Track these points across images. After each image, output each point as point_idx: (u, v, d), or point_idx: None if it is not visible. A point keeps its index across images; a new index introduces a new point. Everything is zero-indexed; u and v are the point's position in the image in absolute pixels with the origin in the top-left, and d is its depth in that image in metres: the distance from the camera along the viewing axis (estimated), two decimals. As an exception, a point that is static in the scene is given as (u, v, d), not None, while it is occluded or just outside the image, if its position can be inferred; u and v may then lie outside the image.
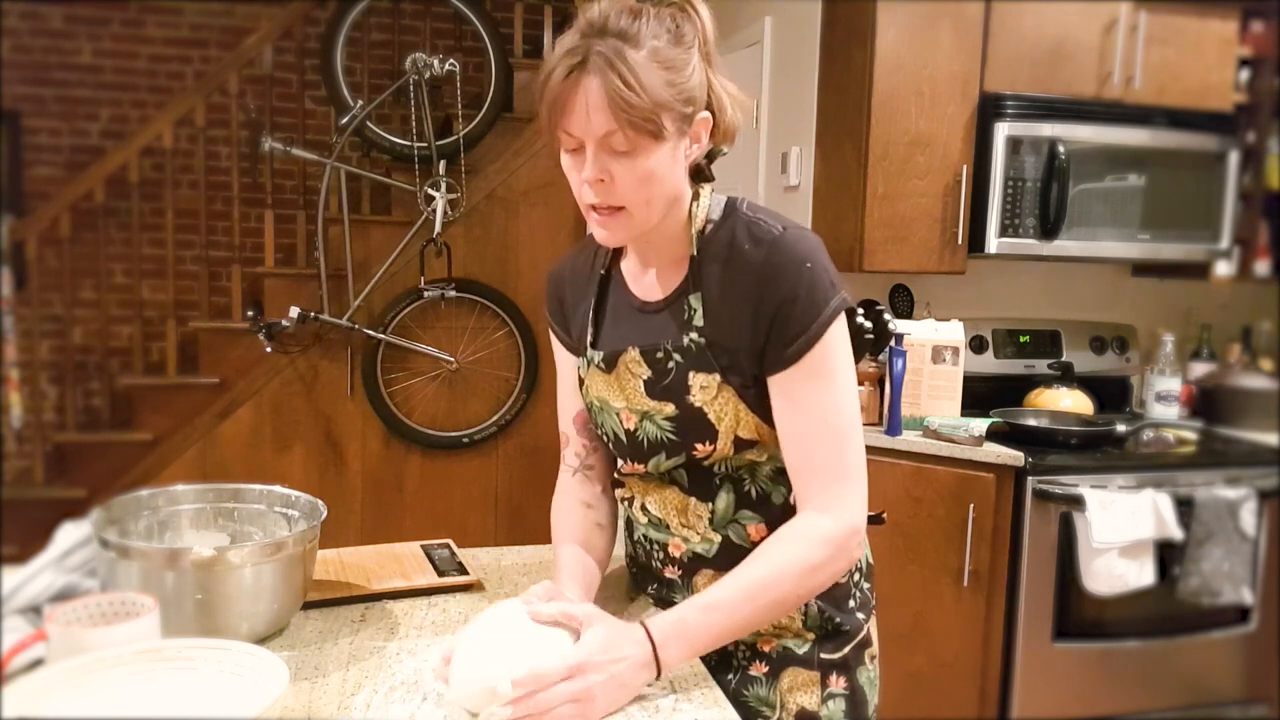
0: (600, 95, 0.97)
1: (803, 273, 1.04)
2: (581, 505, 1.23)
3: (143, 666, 0.86)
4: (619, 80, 0.96)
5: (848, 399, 1.07)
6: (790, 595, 1.05)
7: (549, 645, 0.95)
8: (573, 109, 0.99)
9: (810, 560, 1.04)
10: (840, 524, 1.05)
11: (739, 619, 1.03)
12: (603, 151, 1.01)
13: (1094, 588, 2.30)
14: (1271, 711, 2.56)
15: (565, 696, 0.92)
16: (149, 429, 3.66)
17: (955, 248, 2.60)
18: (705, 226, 1.11)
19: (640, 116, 0.97)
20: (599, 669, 0.94)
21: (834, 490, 1.06)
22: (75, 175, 3.96)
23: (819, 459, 1.06)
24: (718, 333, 1.08)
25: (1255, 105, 2.81)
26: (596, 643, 0.96)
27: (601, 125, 0.98)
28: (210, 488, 1.24)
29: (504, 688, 0.90)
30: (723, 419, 1.09)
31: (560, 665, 0.93)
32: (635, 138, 0.99)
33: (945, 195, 2.59)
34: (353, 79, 3.89)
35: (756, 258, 1.06)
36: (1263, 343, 3.07)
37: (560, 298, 1.25)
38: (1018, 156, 2.55)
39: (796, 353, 1.04)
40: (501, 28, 3.92)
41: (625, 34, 0.98)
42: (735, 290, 1.07)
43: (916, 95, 2.54)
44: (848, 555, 1.06)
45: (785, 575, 1.04)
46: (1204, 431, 2.76)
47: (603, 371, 1.16)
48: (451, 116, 3.84)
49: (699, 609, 1.02)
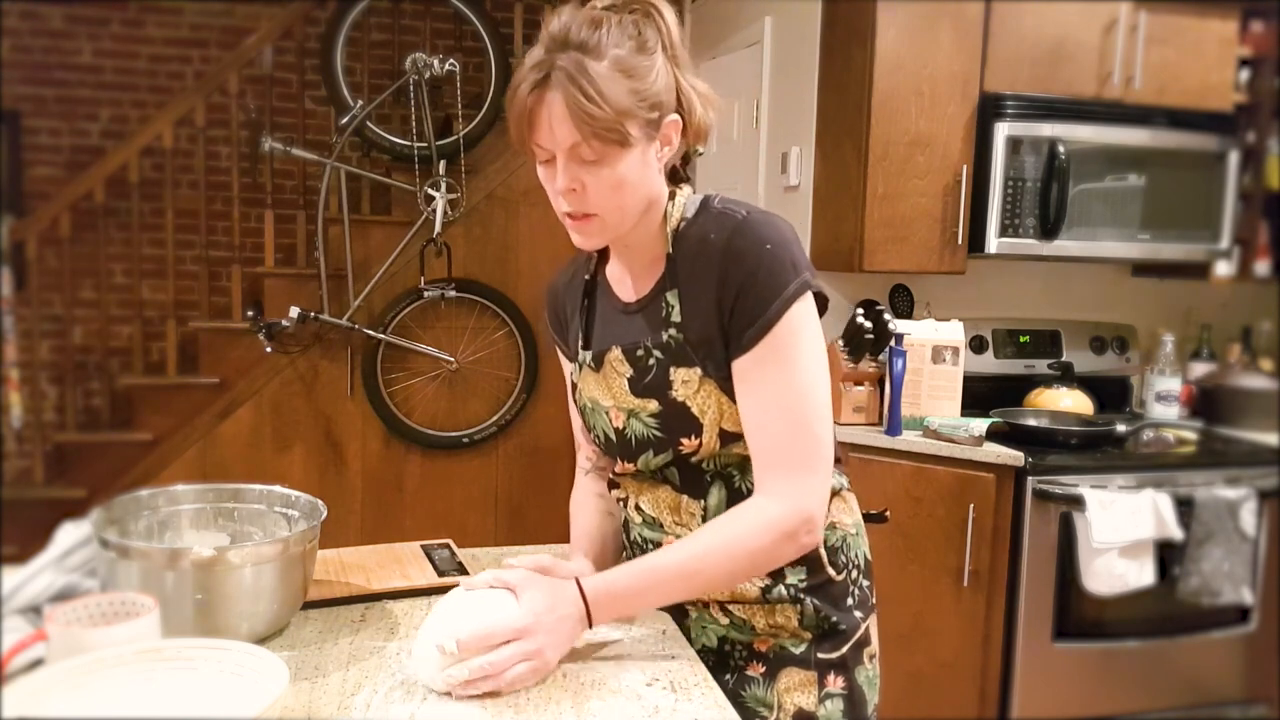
0: (562, 109, 0.99)
1: (762, 254, 1.04)
2: (595, 496, 1.30)
3: (143, 666, 0.86)
4: (580, 94, 0.98)
5: (812, 384, 1.06)
6: (727, 576, 1.08)
7: (498, 610, 1.01)
8: (539, 123, 1.02)
9: (751, 543, 1.05)
10: (791, 512, 1.05)
11: (672, 588, 1.08)
12: (572, 162, 1.03)
13: (1094, 588, 2.30)
14: (1271, 711, 2.56)
15: (519, 655, 0.97)
16: (149, 429, 3.66)
17: (955, 248, 2.60)
18: (680, 224, 1.12)
19: (604, 127, 0.99)
20: (546, 629, 1.00)
21: (789, 478, 1.06)
22: (75, 175, 3.96)
23: (776, 446, 1.06)
24: (694, 327, 1.09)
25: (1255, 105, 2.81)
26: (541, 603, 1.01)
27: (567, 137, 1.01)
28: (210, 488, 1.24)
29: (450, 646, 0.96)
30: (706, 412, 1.09)
31: (506, 626, 0.98)
32: (602, 147, 1.01)
33: (945, 195, 2.59)
34: (353, 79, 3.88)
35: (719, 243, 1.07)
36: (1263, 343, 3.07)
37: (557, 310, 1.29)
38: (1018, 156, 2.55)
39: (754, 336, 1.05)
40: (501, 28, 3.91)
41: (586, 45, 1.00)
42: (703, 280, 1.08)
43: (916, 95, 2.54)
44: (796, 543, 1.06)
45: (725, 556, 1.06)
46: (1204, 431, 2.76)
47: (593, 371, 1.18)
48: (451, 116, 3.84)
49: (633, 574, 1.07)
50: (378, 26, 4.19)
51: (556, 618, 1.01)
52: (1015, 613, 2.36)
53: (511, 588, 1.03)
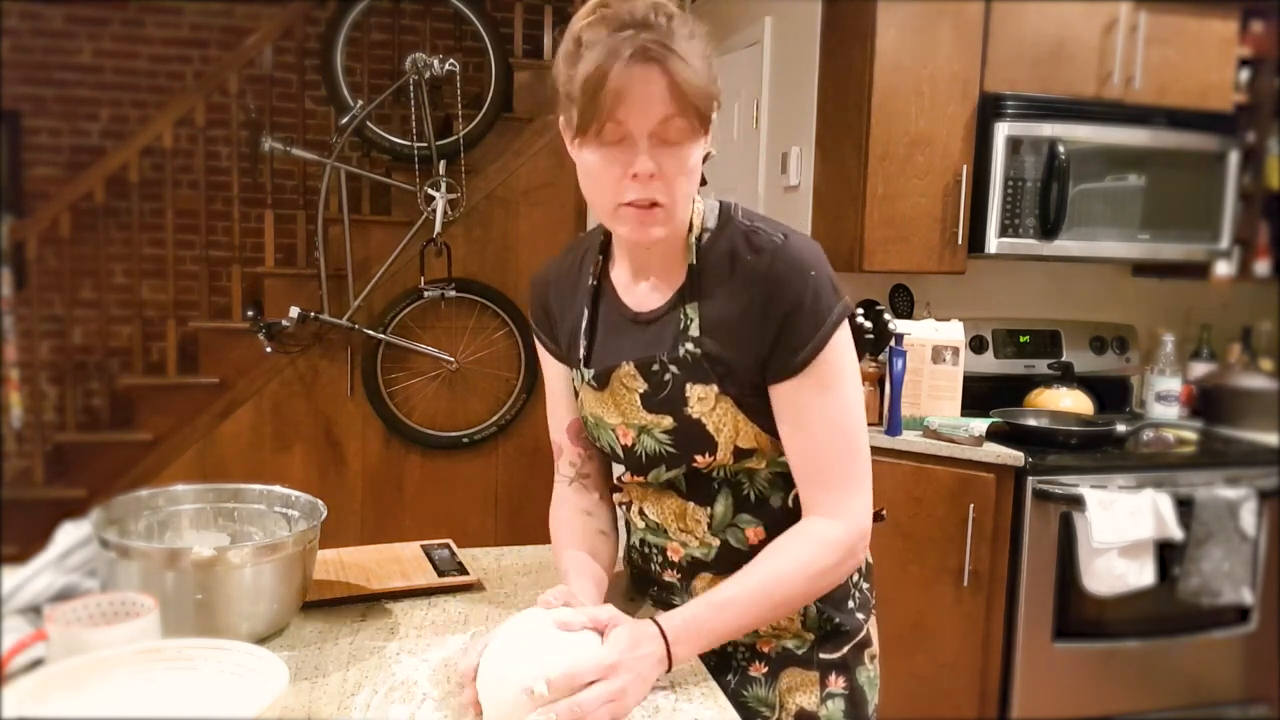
0: (661, 83, 0.96)
1: (808, 281, 1.04)
2: (581, 514, 1.22)
3: (143, 666, 0.86)
4: (684, 65, 0.96)
5: (854, 405, 1.07)
6: (798, 596, 1.07)
7: (578, 647, 0.95)
8: (631, 98, 0.97)
9: (820, 563, 1.05)
10: (849, 528, 1.06)
11: (749, 618, 1.04)
12: (654, 143, 0.99)
13: (1094, 588, 2.30)
14: (1271, 711, 2.56)
15: (603, 697, 0.92)
16: (149, 429, 3.66)
17: (955, 248, 2.60)
18: (702, 235, 1.10)
19: (700, 99, 0.98)
20: (629, 668, 0.95)
21: (842, 497, 1.07)
22: (75, 175, 3.96)
23: (827, 467, 1.07)
24: (716, 343, 1.07)
25: (1255, 105, 2.81)
26: (624, 642, 0.96)
27: (659, 112, 0.97)
28: (210, 488, 1.23)
29: (540, 688, 0.90)
30: (722, 429, 1.08)
31: (592, 665, 0.93)
32: (687, 127, 0.99)
33: (945, 195, 2.59)
34: (353, 79, 3.88)
35: (760, 267, 1.05)
36: (1263, 343, 3.07)
37: (545, 306, 1.23)
38: (1018, 156, 2.55)
39: (803, 361, 1.04)
40: (501, 28, 3.91)
41: (669, 28, 0.98)
42: (737, 301, 1.06)
43: (916, 95, 2.54)
44: (855, 558, 1.08)
45: (795, 576, 1.05)
46: (1204, 431, 2.76)
47: (595, 389, 1.15)
48: (451, 116, 3.84)
49: (711, 606, 1.03)
50: (378, 26, 4.19)
51: (638, 656, 0.96)
52: (1015, 613, 2.36)
53: (602, 626, 0.98)
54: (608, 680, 0.93)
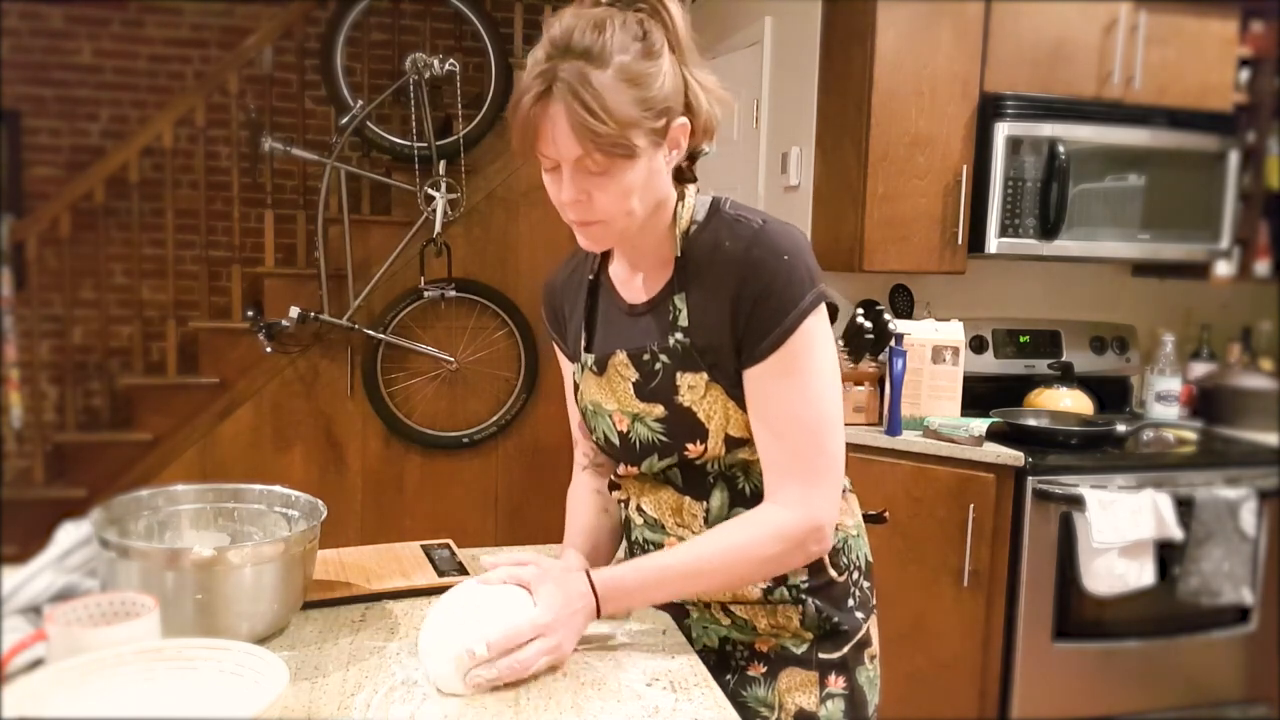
0: (565, 123, 0.97)
1: (780, 265, 1.04)
2: (592, 492, 1.29)
3: (143, 666, 0.86)
4: (583, 109, 0.95)
5: (824, 395, 1.06)
6: (736, 579, 1.10)
7: (514, 609, 1.02)
8: (542, 135, 0.99)
9: (764, 552, 1.06)
10: (801, 521, 1.06)
11: (675, 589, 1.11)
12: (578, 173, 1.01)
13: (1094, 588, 2.30)
14: (1271, 711, 2.56)
15: (542, 651, 1.00)
16: (149, 429, 3.66)
17: (955, 248, 2.60)
18: (690, 228, 1.11)
19: (608, 142, 0.97)
20: (564, 623, 1.03)
21: (801, 488, 1.06)
22: (75, 175, 3.96)
23: (789, 456, 1.06)
24: (702, 332, 1.08)
25: (1255, 105, 2.81)
26: (557, 600, 1.03)
27: (571, 150, 0.99)
28: (210, 488, 1.24)
29: (480, 649, 0.97)
30: (712, 418, 1.09)
31: (529, 625, 1.00)
32: (607, 160, 0.99)
33: (945, 195, 2.59)
34: (353, 79, 3.88)
35: (736, 252, 1.06)
36: (1263, 343, 3.07)
37: (555, 308, 1.27)
38: (1018, 156, 2.55)
39: (770, 347, 1.04)
40: (501, 28, 3.92)
41: (590, 53, 0.97)
42: (717, 287, 1.07)
43: (916, 95, 2.54)
44: (805, 551, 1.08)
45: (733, 560, 1.07)
46: (1204, 431, 2.76)
47: (595, 374, 1.17)
48: (451, 116, 3.84)
49: (641, 571, 1.09)
50: (378, 26, 4.19)
51: (571, 611, 1.03)
52: (1015, 613, 2.36)
53: (527, 585, 1.05)
54: (545, 637, 1.01)
